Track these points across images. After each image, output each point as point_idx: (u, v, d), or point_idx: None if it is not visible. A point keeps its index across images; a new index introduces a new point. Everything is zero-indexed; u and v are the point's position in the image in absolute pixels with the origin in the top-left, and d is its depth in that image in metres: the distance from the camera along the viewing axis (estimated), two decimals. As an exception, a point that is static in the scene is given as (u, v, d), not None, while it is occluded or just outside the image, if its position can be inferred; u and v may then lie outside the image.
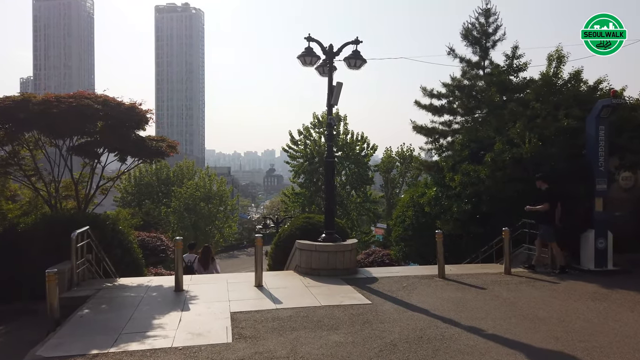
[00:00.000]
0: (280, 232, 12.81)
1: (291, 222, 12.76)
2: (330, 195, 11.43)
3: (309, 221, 12.24)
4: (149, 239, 18.98)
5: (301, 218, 12.50)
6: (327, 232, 11.20)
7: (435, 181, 15.60)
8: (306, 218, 12.44)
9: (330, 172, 11.43)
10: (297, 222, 12.36)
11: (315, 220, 12.30)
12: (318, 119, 39.33)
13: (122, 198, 44.54)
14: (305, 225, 12.10)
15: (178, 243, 9.45)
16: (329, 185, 11.42)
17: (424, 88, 16.46)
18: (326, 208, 11.36)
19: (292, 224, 12.53)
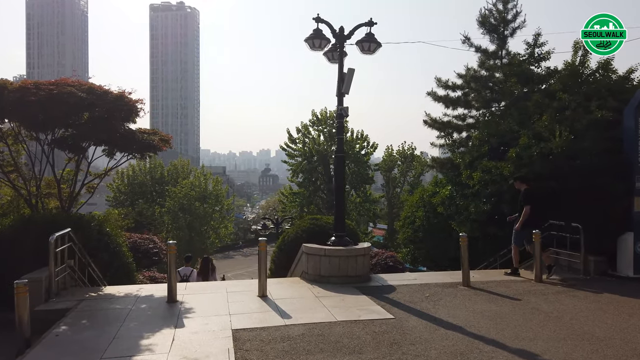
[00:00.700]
0: (284, 235, 11.69)
1: (296, 224, 11.63)
2: (340, 194, 10.30)
3: (316, 223, 11.11)
4: (141, 241, 17.79)
5: (307, 219, 11.38)
6: (337, 235, 10.07)
7: (449, 179, 14.50)
8: (313, 219, 11.31)
9: (340, 169, 10.30)
10: (303, 223, 11.23)
11: (323, 222, 11.17)
12: (317, 117, 38.27)
13: (114, 197, 43.28)
14: (313, 227, 10.96)
15: (171, 247, 8.30)
16: (339, 182, 10.29)
17: (439, 79, 15.34)
18: (336, 208, 10.24)
19: (297, 225, 11.40)
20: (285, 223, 23.17)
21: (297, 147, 38.45)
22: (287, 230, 11.74)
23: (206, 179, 44.84)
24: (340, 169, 10.30)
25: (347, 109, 10.17)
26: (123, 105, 10.62)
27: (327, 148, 37.50)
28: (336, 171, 10.28)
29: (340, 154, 10.26)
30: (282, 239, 11.58)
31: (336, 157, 10.29)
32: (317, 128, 38.27)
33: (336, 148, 10.31)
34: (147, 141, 11.03)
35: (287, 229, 11.81)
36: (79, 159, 11.74)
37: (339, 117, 10.25)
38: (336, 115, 10.32)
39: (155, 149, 11.28)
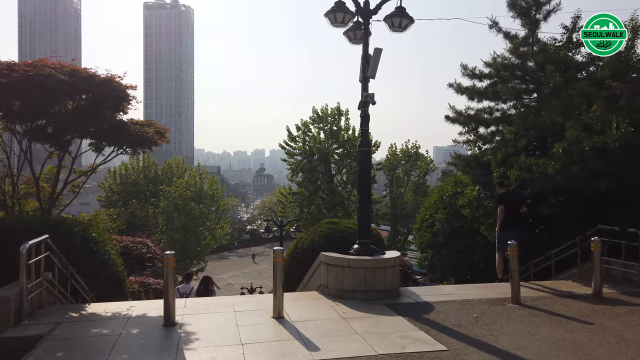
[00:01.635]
0: (297, 241, 10.22)
1: (312, 229, 10.17)
2: (365, 195, 8.86)
3: (334, 227, 9.65)
4: (133, 245, 16.31)
5: (325, 224, 9.92)
6: (362, 242, 8.63)
7: (475, 179, 13.07)
8: (331, 223, 9.85)
9: (366, 165, 8.86)
10: (319, 228, 9.77)
11: (342, 227, 9.72)
12: (317, 114, 36.81)
13: (106, 197, 41.64)
14: (331, 232, 9.51)
15: (168, 260, 6.82)
16: (364, 181, 8.85)
17: (465, 66, 13.89)
18: (360, 211, 8.79)
19: (313, 231, 9.93)
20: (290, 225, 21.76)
21: (297, 146, 37.01)
22: (301, 237, 10.29)
23: (202, 179, 43.27)
24: (366, 165, 8.87)
25: (372, 95, 8.74)
26: (112, 91, 9.13)
27: (329, 146, 36.09)
28: (361, 167, 8.83)
29: (366, 147, 8.83)
30: (295, 246, 10.10)
31: (361, 152, 8.84)
32: (317, 126, 36.80)
33: (360, 141, 8.87)
34: (140, 134, 9.56)
35: (301, 234, 10.36)
36: (61, 154, 10.22)
37: (364, 106, 8.81)
38: (360, 103, 8.87)
39: (149, 143, 9.81)
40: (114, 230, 24.99)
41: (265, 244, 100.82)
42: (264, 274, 74.71)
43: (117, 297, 11.76)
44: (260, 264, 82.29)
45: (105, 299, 10.70)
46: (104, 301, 10.62)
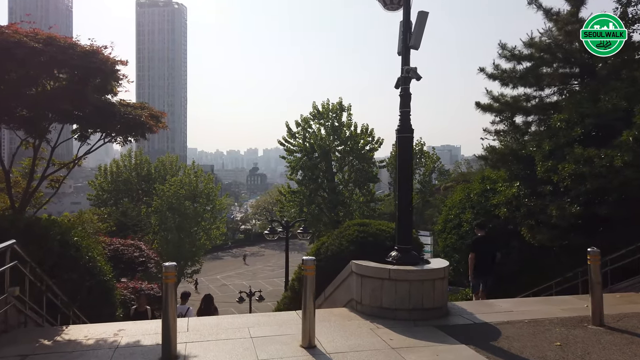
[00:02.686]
0: (318, 246, 8.58)
1: (337, 232, 8.50)
2: (405, 191, 7.27)
3: (366, 230, 8.05)
4: (124, 249, 14.68)
5: (353, 226, 8.30)
6: (402, 249, 7.07)
7: (513, 174, 11.55)
8: (361, 225, 8.25)
9: (406, 155, 7.26)
10: (347, 231, 8.15)
11: (374, 229, 8.10)
12: (318, 110, 35.21)
13: (97, 196, 39.83)
14: (363, 237, 7.88)
15: (168, 274, 5.21)
16: (404, 173, 7.26)
17: (504, 45, 12.30)
18: (399, 210, 7.21)
19: (339, 234, 8.28)
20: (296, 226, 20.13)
21: (296, 142, 35.42)
22: (323, 240, 8.67)
23: (197, 177, 41.54)
24: (407, 155, 7.27)
25: (415, 69, 7.16)
26: (97, 65, 7.49)
27: (330, 143, 34.52)
28: (401, 158, 7.24)
29: (407, 133, 7.25)
30: (317, 252, 8.47)
31: (401, 138, 7.26)
32: (318, 122, 35.20)
33: (399, 126, 7.29)
34: (131, 117, 7.90)
35: (323, 237, 8.77)
36: (37, 142, 8.58)
37: (404, 82, 7.23)
38: (399, 80, 7.29)
39: (143, 128, 8.20)
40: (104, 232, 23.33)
41: (259, 244, 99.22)
42: (259, 274, 73.13)
43: (104, 309, 10.19)
44: (255, 264, 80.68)
45: (90, 313, 9.14)
46: (89, 315, 9.06)
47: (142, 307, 10.22)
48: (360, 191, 35.14)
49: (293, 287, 9.95)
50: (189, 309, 10.99)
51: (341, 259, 7.81)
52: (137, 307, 10.33)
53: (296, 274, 9.59)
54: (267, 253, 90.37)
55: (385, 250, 7.41)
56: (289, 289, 10.29)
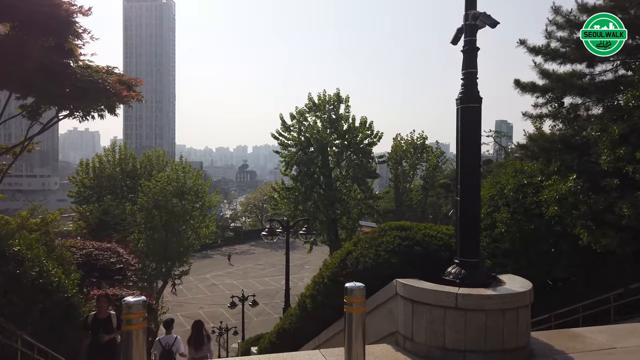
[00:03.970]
0: (343, 255, 6.48)
1: (368, 238, 6.36)
2: (471, 186, 5.26)
3: (410, 236, 5.89)
4: (98, 254, 12.55)
5: (391, 230, 6.15)
6: (466, 263, 5.10)
7: (564, 166, 9.62)
8: (401, 229, 6.13)
9: (472, 134, 5.26)
10: (384, 238, 6.00)
11: (421, 236, 5.91)
12: (313, 101, 33.18)
13: (78, 193, 37.50)
14: (407, 245, 5.75)
15: (132, 316, 3.16)
16: (470, 160, 5.26)
17: (557, 9, 10.34)
18: (463, 211, 5.20)
19: (372, 241, 6.11)
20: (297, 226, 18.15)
21: (291, 136, 33.39)
22: (349, 248, 6.56)
23: (185, 173, 39.25)
24: (473, 134, 5.28)
25: (486, 15, 5.15)
26: (47, 10, 5.38)
27: (326, 136, 32.52)
28: (465, 138, 5.22)
29: (473, 103, 5.25)
30: (341, 263, 6.33)
31: (464, 110, 5.26)
32: (314, 114, 33.19)
33: (462, 93, 5.28)
34: (90, 80, 5.77)
35: (348, 244, 6.72)
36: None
37: (470, 33, 5.24)
38: (462, 31, 5.29)
39: (109, 97, 6.08)
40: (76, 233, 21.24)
41: (249, 242, 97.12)
42: (250, 273, 71.07)
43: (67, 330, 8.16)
44: (245, 263, 78.60)
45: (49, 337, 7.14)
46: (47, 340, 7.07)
47: (104, 313, 7.89)
48: (359, 187, 33.22)
49: (304, 304, 7.93)
50: (176, 339, 9.12)
51: (378, 275, 5.81)
52: (97, 312, 7.97)
53: (309, 291, 7.56)
54: (258, 251, 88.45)
55: (439, 264, 5.44)
56: (298, 306, 8.27)
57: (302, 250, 46.91)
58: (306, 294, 7.69)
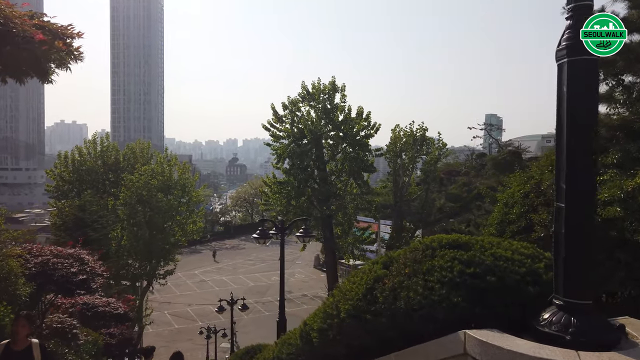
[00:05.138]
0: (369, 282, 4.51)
1: (408, 258, 4.50)
2: (580, 187, 3.38)
3: (474, 259, 3.65)
4: (57, 262, 10.50)
5: (444, 250, 4.05)
6: (575, 306, 3.22)
7: (629, 158, 7.77)
8: (456, 247, 4.04)
9: (586, 99, 3.37)
10: (434, 262, 3.79)
11: (491, 260, 3.75)
12: (307, 90, 31.15)
13: (56, 187, 35.25)
14: (474, 274, 3.62)
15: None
16: (580, 139, 3.36)
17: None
18: (569, 226, 3.31)
19: (416, 265, 4.16)
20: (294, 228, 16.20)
21: (283, 127, 31.40)
22: (379, 274, 4.57)
23: (170, 166, 36.99)
24: (588, 99, 3.37)
25: None
26: None
27: (321, 128, 30.56)
28: (572, 102, 3.33)
29: (587, 55, 3.34)
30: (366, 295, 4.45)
31: (574, 64, 3.35)
32: (308, 103, 31.20)
33: (570, 40, 3.38)
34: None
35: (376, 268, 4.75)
36: None
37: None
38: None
39: (15, 45, 4.03)
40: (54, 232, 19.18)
41: (239, 237, 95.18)
42: (240, 269, 69.17)
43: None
44: (235, 258, 76.73)
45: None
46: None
47: (21, 342, 5.66)
48: (356, 182, 31.34)
49: (308, 336, 6.00)
50: None
51: (430, 318, 3.89)
52: (10, 341, 5.72)
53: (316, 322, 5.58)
54: (248, 246, 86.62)
55: (523, 303, 3.52)
56: (301, 338, 6.36)
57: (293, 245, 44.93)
58: (312, 325, 5.75)
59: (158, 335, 43.20)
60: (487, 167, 76.79)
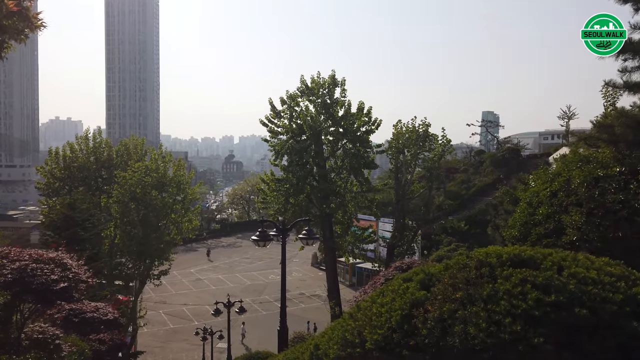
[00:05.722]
0: (404, 304, 3.62)
1: (461, 278, 3.59)
2: None
3: (551, 282, 2.78)
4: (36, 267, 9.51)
5: (509, 271, 3.23)
6: None
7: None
8: (519, 263, 3.20)
9: None
10: (502, 286, 2.93)
11: (574, 284, 2.84)
12: (306, 85, 30.15)
13: (47, 184, 34.16)
14: (557, 304, 2.70)
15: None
16: None
17: None
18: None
19: (469, 287, 3.26)
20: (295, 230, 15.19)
21: (281, 123, 30.40)
22: (416, 294, 3.62)
23: (165, 163, 35.85)
24: None
25: None
26: None
27: (320, 123, 29.56)
28: None
29: None
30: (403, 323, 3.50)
31: None
32: (307, 98, 30.21)
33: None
34: None
35: (412, 288, 3.88)
36: None
37: None
38: None
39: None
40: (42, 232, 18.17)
41: (236, 235, 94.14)
42: (236, 267, 68.17)
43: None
44: (231, 256, 75.76)
45: None
46: None
47: None
48: (356, 179, 30.37)
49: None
50: None
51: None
52: None
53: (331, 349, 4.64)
54: (245, 244, 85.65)
55: (624, 344, 2.56)
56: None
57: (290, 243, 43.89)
58: (327, 351, 4.78)
59: (153, 335, 42.23)
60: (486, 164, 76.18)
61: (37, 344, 10.05)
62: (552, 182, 9.63)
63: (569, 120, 75.97)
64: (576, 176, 9.10)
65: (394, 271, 21.06)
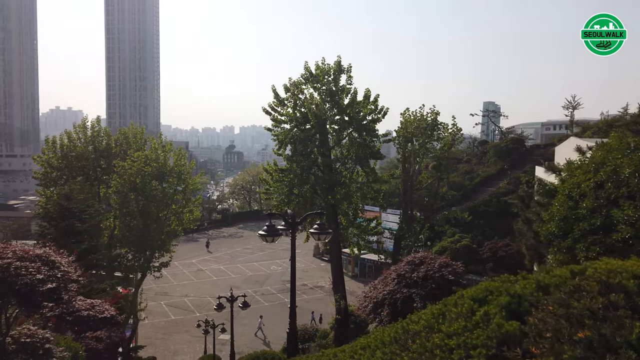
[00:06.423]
0: (488, 337, 2.84)
1: (552, 305, 2.75)
2: None
3: None
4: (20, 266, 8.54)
5: None
6: None
7: None
8: None
9: None
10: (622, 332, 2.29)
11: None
12: (311, 72, 28.97)
13: (44, 174, 33.20)
14: None
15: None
16: None
17: None
18: None
19: (559, 318, 2.45)
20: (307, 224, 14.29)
21: (285, 111, 29.25)
22: (497, 321, 2.79)
23: (165, 152, 34.85)
24: None
25: None
26: None
27: (325, 111, 28.44)
28: None
29: None
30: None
31: None
32: (312, 85, 29.05)
33: None
34: None
35: (491, 311, 3.06)
36: None
37: None
38: None
39: None
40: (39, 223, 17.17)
41: (237, 225, 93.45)
42: (238, 257, 67.45)
43: None
44: (233, 247, 75.06)
45: None
46: None
47: None
48: (363, 169, 29.32)
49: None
50: None
51: None
52: None
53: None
54: (246, 234, 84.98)
55: None
56: None
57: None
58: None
59: (154, 327, 41.56)
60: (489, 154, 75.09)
61: (25, 349, 9.14)
62: (595, 172, 8.62)
63: (574, 110, 74.98)
64: (625, 165, 8.10)
65: (406, 266, 20.24)
